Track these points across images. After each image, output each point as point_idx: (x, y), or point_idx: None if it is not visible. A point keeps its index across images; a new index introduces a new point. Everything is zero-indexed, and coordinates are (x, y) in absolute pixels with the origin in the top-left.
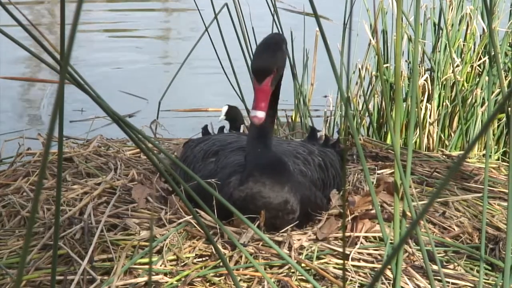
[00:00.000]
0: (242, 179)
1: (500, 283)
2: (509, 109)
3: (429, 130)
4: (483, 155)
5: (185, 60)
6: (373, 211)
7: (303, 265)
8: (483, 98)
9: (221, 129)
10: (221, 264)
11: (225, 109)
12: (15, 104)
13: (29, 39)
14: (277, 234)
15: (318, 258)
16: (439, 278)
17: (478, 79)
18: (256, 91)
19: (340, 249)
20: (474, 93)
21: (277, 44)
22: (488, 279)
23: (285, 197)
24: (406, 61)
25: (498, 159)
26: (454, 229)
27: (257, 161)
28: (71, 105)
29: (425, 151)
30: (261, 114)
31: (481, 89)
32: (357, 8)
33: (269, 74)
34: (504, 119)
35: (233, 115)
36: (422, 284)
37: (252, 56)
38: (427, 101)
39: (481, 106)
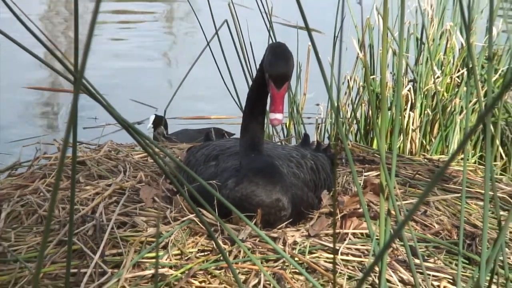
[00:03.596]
0: (238, 181)
1: (477, 276)
2: (485, 118)
3: (412, 136)
4: (462, 158)
5: (188, 73)
6: (360, 210)
7: (296, 259)
8: (462, 107)
9: (222, 135)
10: (221, 258)
11: (152, 117)
12: (32, 111)
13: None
14: (272, 230)
15: (310, 252)
16: (420, 271)
17: (457, 90)
18: (275, 96)
19: (331, 245)
20: (453, 102)
21: (290, 52)
22: (465, 272)
23: (277, 196)
24: (391, 73)
25: (475, 163)
26: (434, 226)
27: (251, 165)
28: (86, 112)
29: (408, 155)
30: (280, 116)
31: (460, 99)
32: (346, 24)
33: (288, 80)
34: (481, 126)
35: (159, 123)
36: (405, 276)
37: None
38: (410, 110)
39: (460, 114)
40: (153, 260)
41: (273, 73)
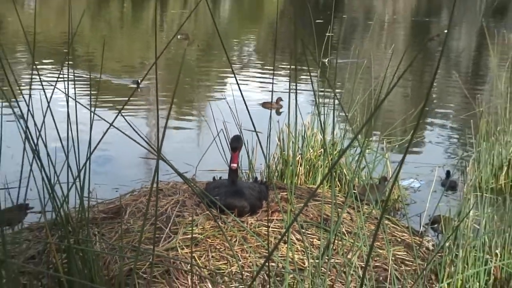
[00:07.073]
0: (226, 197)
1: (328, 237)
2: (332, 170)
3: (300, 177)
4: (322, 186)
5: (206, 151)
6: (279, 209)
7: (252, 230)
8: (321, 165)
9: (220, 178)
10: (219, 230)
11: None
12: (139, 166)
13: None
14: (241, 218)
15: (258, 227)
16: (304, 235)
17: (319, 157)
18: (233, 156)
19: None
20: (318, 163)
21: (240, 138)
22: (323, 235)
23: (244, 203)
24: (291, 151)
25: (328, 188)
26: (310, 215)
27: (232, 190)
28: (163, 168)
29: (299, 185)
30: (235, 166)
31: (320, 161)
32: (273, 129)
33: (238, 149)
34: (329, 174)
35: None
36: (298, 237)
37: (230, 144)
38: (300, 166)
39: (321, 167)
40: (190, 230)
41: (231, 146)
